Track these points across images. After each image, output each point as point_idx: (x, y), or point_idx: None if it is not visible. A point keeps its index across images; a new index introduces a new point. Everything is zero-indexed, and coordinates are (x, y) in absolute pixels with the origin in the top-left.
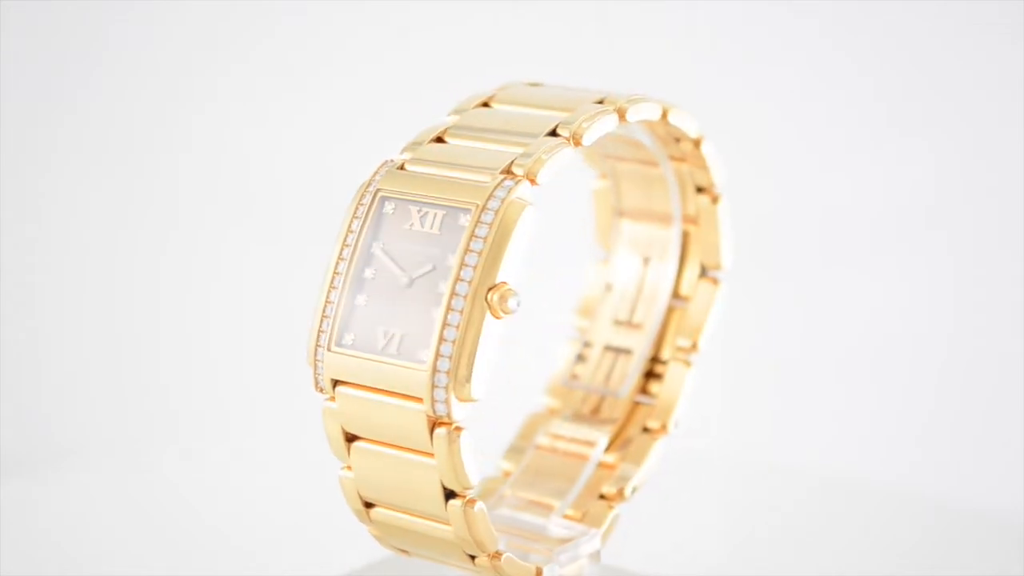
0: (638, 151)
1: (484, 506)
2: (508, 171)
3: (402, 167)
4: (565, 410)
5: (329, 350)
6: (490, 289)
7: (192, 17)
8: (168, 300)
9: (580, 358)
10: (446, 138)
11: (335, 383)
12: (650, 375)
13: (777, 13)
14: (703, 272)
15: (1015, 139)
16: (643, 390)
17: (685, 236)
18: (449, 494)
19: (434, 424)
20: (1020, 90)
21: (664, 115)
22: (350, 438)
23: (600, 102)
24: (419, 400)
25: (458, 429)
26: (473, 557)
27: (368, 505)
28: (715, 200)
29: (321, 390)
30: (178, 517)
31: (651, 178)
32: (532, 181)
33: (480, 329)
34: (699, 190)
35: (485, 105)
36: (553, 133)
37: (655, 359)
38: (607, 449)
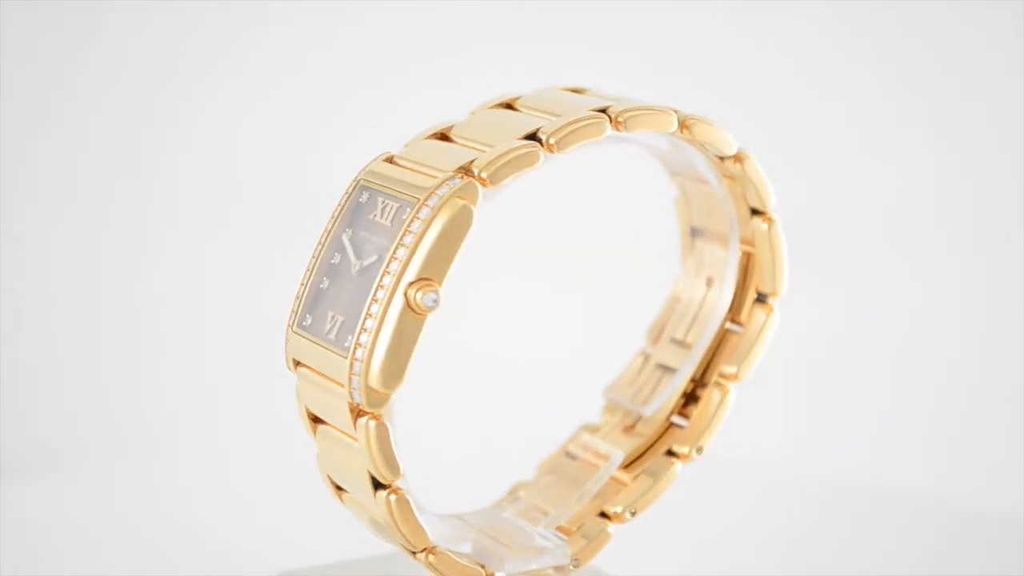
0: (693, 168)
1: (409, 499)
2: (467, 170)
3: (390, 160)
4: (611, 422)
5: (292, 330)
6: (411, 284)
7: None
8: (169, 298)
9: (636, 373)
10: (451, 135)
11: (296, 363)
12: (692, 397)
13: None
14: (759, 297)
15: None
16: (682, 412)
17: (747, 258)
18: (377, 484)
19: (358, 412)
20: None
21: (686, 128)
22: (314, 419)
23: (603, 110)
24: (342, 385)
25: (376, 418)
26: (414, 552)
27: (340, 488)
28: (767, 222)
29: (289, 369)
30: (178, 517)
31: (709, 196)
32: (483, 182)
33: (396, 322)
34: (754, 212)
35: (508, 107)
36: (533, 137)
37: (700, 382)
38: (627, 467)
